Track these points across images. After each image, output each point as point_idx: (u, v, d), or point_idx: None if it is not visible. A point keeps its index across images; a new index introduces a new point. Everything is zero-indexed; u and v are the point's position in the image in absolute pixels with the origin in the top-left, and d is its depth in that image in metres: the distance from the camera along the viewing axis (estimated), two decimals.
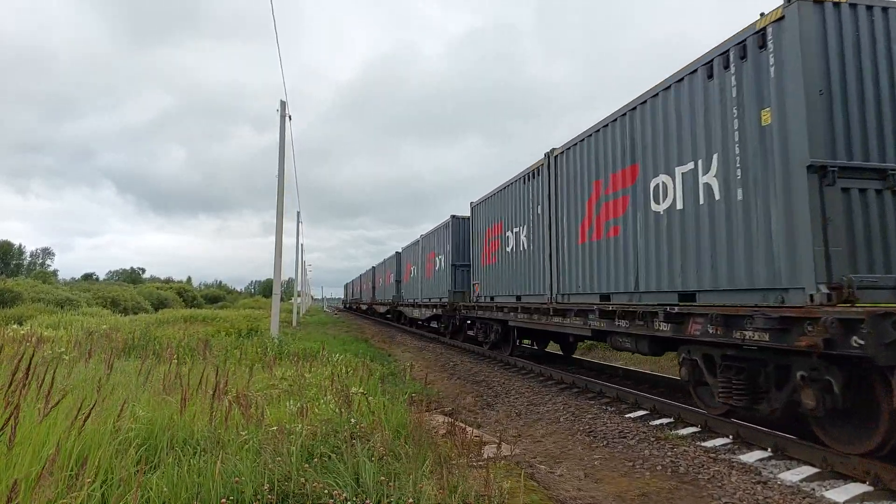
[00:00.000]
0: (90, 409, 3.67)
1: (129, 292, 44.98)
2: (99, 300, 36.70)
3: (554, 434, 6.74)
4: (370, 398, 5.68)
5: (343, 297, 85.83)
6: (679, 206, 6.68)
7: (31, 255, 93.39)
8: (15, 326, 14.46)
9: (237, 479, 3.47)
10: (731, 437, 6.20)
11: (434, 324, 22.88)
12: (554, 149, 10.21)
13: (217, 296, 79.05)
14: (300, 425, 4.51)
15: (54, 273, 78.79)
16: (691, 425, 6.82)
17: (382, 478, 3.68)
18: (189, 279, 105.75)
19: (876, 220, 4.99)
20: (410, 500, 3.41)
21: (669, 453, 5.75)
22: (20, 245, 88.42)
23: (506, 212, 12.79)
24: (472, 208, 15.64)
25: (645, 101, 7.42)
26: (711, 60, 6.12)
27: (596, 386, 9.24)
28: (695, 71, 6.37)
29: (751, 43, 5.61)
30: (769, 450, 5.66)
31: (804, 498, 4.49)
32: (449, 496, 3.46)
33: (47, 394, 3.63)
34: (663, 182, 7.02)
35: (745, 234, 5.65)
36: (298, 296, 40.36)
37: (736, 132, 5.78)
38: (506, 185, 12.86)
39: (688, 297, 6.54)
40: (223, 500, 3.24)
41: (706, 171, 6.22)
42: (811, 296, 4.79)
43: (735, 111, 5.78)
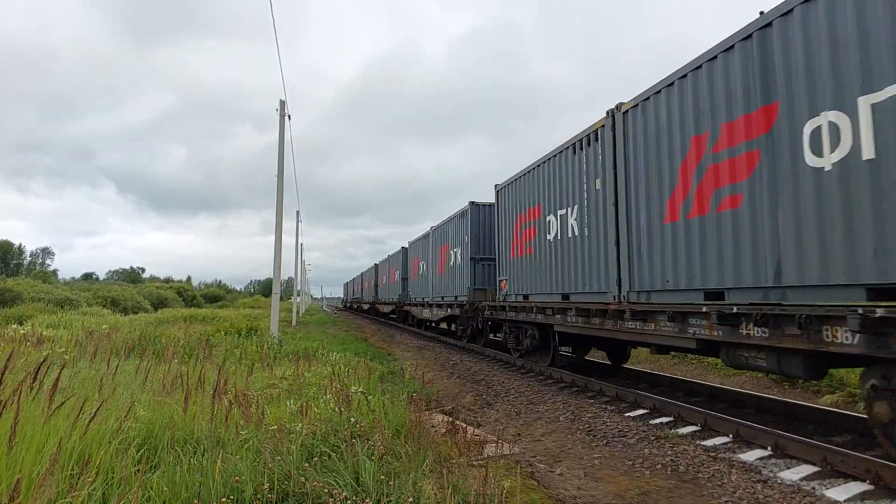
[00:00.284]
0: (95, 410, 3.67)
1: (128, 292, 44.98)
2: (99, 300, 36.72)
3: (554, 433, 6.74)
4: (370, 397, 5.68)
5: (343, 296, 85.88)
6: (868, 153, 4.64)
7: (31, 255, 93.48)
8: (15, 326, 14.46)
9: (237, 478, 3.47)
10: (731, 435, 6.20)
11: (446, 325, 21.16)
12: (621, 104, 8.18)
13: (217, 295, 79.10)
14: (300, 424, 4.52)
15: (54, 273, 78.94)
16: (691, 424, 6.82)
17: (382, 477, 3.68)
18: (189, 279, 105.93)
19: None
20: (410, 499, 3.42)
21: (669, 452, 5.76)
22: (20, 245, 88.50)
23: (546, 191, 10.62)
24: (497, 192, 13.37)
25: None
26: None
27: (595, 385, 9.24)
28: None
29: None
30: (769, 448, 5.67)
31: (805, 497, 4.49)
32: (448, 495, 3.46)
33: (51, 394, 3.64)
34: (832, 122, 4.98)
35: None
36: (298, 295, 40.37)
37: None
38: (545, 159, 10.59)
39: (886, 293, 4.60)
40: (223, 500, 3.25)
41: None
42: None
43: None
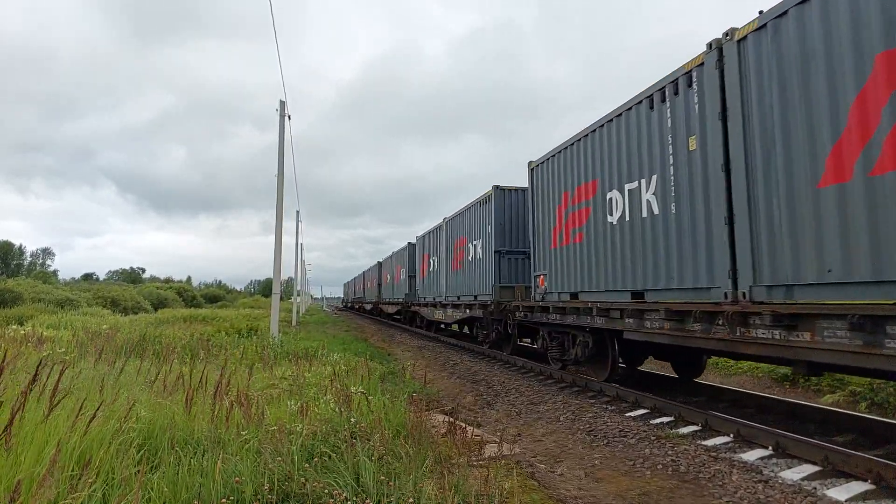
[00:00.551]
0: (95, 410, 3.66)
1: (129, 292, 45.00)
2: (99, 300, 36.74)
3: (554, 433, 6.74)
4: (370, 397, 5.68)
5: (343, 296, 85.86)
6: None
7: (32, 256, 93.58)
8: (15, 326, 14.47)
9: (238, 478, 3.47)
10: (731, 435, 6.20)
11: (457, 327, 19.33)
12: (733, 30, 6.01)
13: (217, 295, 79.12)
14: (300, 425, 4.51)
15: (54, 273, 79.02)
16: (692, 424, 6.81)
17: (382, 477, 3.67)
18: (189, 279, 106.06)
19: None
20: (411, 500, 3.41)
21: (670, 452, 5.75)
22: (20, 245, 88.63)
23: (605, 162, 8.55)
24: (531, 171, 11.36)
25: None
26: None
27: (596, 385, 9.23)
28: None
29: None
30: (770, 448, 5.66)
31: (806, 497, 4.48)
32: (449, 496, 3.46)
33: (52, 395, 3.63)
34: None
35: None
36: (298, 295, 40.37)
37: None
38: (603, 122, 8.54)
39: None
40: (223, 500, 3.24)
41: None
42: None
43: None
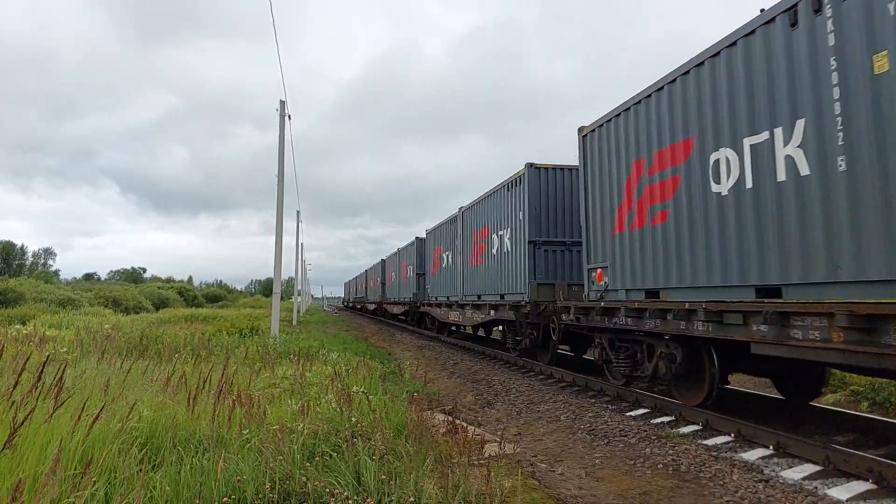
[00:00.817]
0: (100, 410, 3.67)
1: (130, 292, 45.01)
2: (100, 300, 36.75)
3: (554, 433, 6.74)
4: (371, 397, 5.68)
5: (343, 295, 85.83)
6: None
7: (33, 256, 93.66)
8: (18, 326, 14.50)
9: (239, 478, 3.48)
10: (732, 435, 6.20)
11: (476, 330, 18.04)
12: None
13: (217, 295, 79.13)
14: (301, 424, 4.52)
15: (56, 273, 79.11)
16: (692, 423, 6.81)
17: (383, 476, 3.68)
18: (190, 278, 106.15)
19: None
20: (411, 499, 3.42)
21: (671, 452, 5.75)
22: (22, 245, 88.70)
23: (705, 113, 6.43)
24: (583, 139, 8.95)
25: None
26: None
27: (596, 384, 9.23)
28: None
29: None
30: (771, 448, 5.66)
31: (807, 496, 4.49)
32: (450, 495, 3.47)
33: (56, 394, 3.65)
34: None
35: None
36: (298, 295, 40.38)
37: None
38: (703, 58, 6.43)
39: None
40: (225, 499, 3.25)
41: None
42: None
43: None
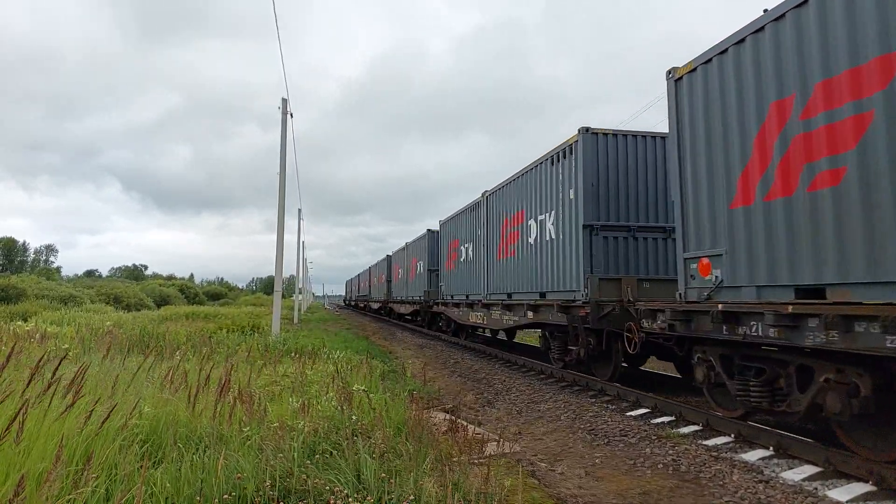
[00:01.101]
0: (111, 410, 3.67)
1: (131, 289, 45.07)
2: (102, 297, 36.83)
3: (555, 432, 6.74)
4: (371, 395, 5.69)
5: (344, 294, 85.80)
6: None
7: (35, 252, 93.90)
8: (19, 323, 14.53)
9: (239, 475, 3.48)
10: (732, 435, 6.20)
11: (494, 333, 16.20)
12: None
13: (219, 293, 79.25)
14: (302, 422, 4.53)
15: (58, 270, 79.30)
16: (693, 424, 6.81)
17: (383, 475, 3.68)
18: (191, 276, 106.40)
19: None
20: (411, 497, 3.42)
21: (671, 452, 5.75)
22: (24, 242, 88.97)
23: None
24: (677, 83, 7.01)
25: None
26: None
27: (597, 384, 9.23)
28: None
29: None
30: (771, 448, 5.66)
31: (806, 497, 4.48)
32: (449, 493, 3.47)
33: (76, 392, 3.67)
34: None
35: None
36: (300, 293, 40.41)
37: None
38: None
39: None
40: (225, 497, 3.26)
41: None
42: None
43: None
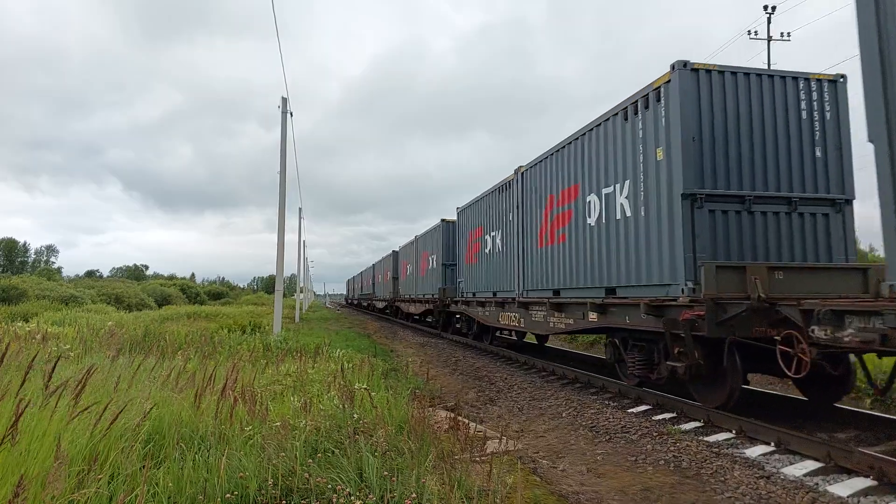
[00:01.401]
0: (119, 411, 3.68)
1: (132, 289, 45.09)
2: (103, 297, 36.82)
3: (556, 429, 6.75)
4: (373, 394, 5.69)
5: (346, 292, 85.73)
6: None
7: (36, 253, 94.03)
8: (21, 323, 14.54)
9: (242, 474, 3.49)
10: (733, 431, 6.21)
11: (523, 338, 14.70)
12: None
13: (220, 292, 79.20)
14: (304, 421, 4.54)
15: (58, 270, 79.38)
16: (694, 420, 6.82)
17: (385, 473, 3.69)
18: (192, 275, 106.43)
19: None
20: (413, 495, 3.43)
21: (672, 448, 5.76)
22: (25, 242, 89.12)
23: None
24: None
25: None
26: None
27: (598, 381, 9.24)
28: None
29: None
30: (772, 444, 5.67)
31: (808, 492, 4.49)
32: (451, 491, 3.48)
33: (76, 394, 3.68)
34: None
35: None
36: (301, 292, 40.43)
37: None
38: None
39: None
40: (228, 496, 3.26)
41: None
42: None
43: None
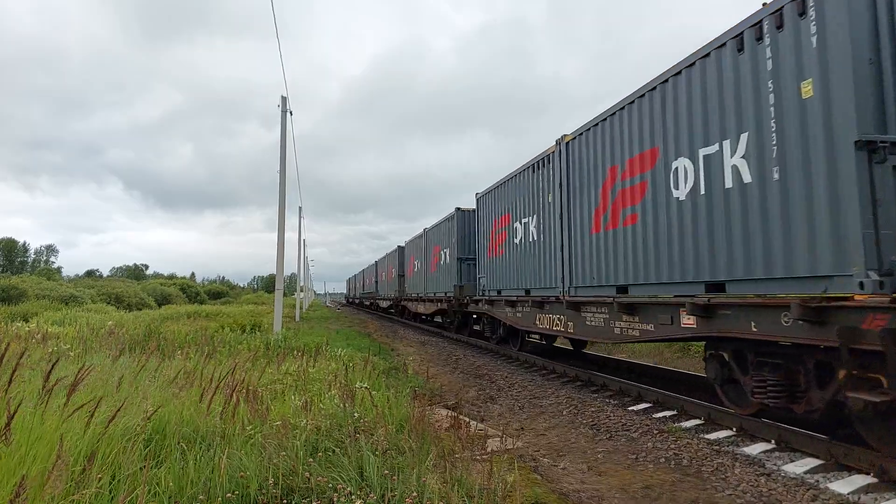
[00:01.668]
0: (116, 411, 3.68)
1: (132, 288, 45.09)
2: (103, 296, 36.83)
3: (557, 427, 6.75)
4: (373, 393, 5.69)
5: (346, 291, 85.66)
6: None
7: (36, 253, 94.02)
8: (20, 323, 14.55)
9: (242, 473, 3.49)
10: (734, 429, 6.21)
11: (554, 342, 12.79)
12: None
13: (220, 291, 79.25)
14: (304, 420, 4.53)
15: (58, 270, 79.37)
16: (694, 418, 6.82)
17: (386, 471, 3.69)
18: (192, 275, 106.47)
19: None
20: (414, 494, 3.43)
21: (673, 446, 5.76)
22: (24, 242, 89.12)
23: None
24: None
25: None
26: None
27: (599, 379, 9.24)
28: None
29: None
30: (773, 442, 5.67)
31: (808, 490, 4.49)
32: (452, 489, 3.48)
33: (70, 393, 3.69)
34: None
35: None
36: (301, 291, 40.41)
37: None
38: None
39: None
40: (229, 495, 3.26)
41: None
42: None
43: None
